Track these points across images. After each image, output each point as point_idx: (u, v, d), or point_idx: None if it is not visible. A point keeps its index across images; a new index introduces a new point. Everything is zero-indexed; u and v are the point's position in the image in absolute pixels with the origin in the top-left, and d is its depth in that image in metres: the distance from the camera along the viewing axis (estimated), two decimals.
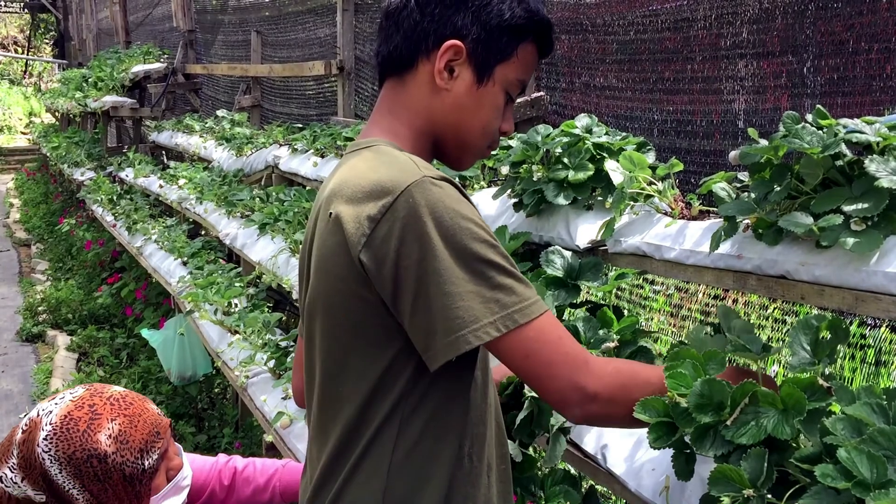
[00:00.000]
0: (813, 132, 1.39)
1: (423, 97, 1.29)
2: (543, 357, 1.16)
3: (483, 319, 1.13)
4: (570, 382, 1.15)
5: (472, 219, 1.16)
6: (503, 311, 1.14)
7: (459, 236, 1.13)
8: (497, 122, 1.33)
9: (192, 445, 4.49)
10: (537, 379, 1.18)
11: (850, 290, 1.32)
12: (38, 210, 11.64)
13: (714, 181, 1.62)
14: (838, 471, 1.02)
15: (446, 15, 1.26)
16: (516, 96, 1.36)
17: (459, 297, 1.12)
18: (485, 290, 1.13)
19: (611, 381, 1.18)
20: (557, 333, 1.17)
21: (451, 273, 1.12)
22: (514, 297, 1.15)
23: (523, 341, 1.15)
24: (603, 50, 2.54)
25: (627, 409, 1.20)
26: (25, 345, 6.68)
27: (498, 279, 1.14)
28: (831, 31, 1.75)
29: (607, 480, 1.63)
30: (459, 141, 1.32)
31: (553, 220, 2.06)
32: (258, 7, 6.73)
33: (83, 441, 1.55)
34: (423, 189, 1.14)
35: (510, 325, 1.14)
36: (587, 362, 1.18)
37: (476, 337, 1.13)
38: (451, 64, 1.27)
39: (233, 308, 3.70)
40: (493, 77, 1.28)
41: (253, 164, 4.83)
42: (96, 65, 9.69)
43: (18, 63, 25.33)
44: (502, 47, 1.28)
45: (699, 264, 1.63)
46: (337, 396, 1.28)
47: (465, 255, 1.13)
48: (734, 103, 2.09)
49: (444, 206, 1.14)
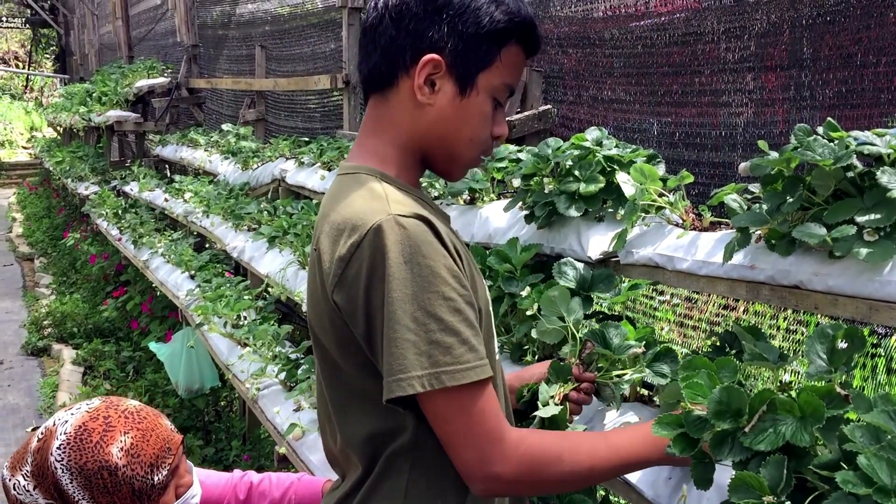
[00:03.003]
0: (824, 144, 1.41)
1: (406, 113, 1.27)
2: (460, 427, 1.14)
3: (412, 371, 1.11)
4: (477, 459, 1.15)
5: (430, 265, 1.13)
6: (433, 368, 1.12)
7: (412, 283, 1.12)
8: (486, 131, 1.29)
9: (200, 458, 4.50)
10: (449, 446, 1.17)
11: (863, 300, 1.34)
12: (41, 224, 11.67)
13: (725, 192, 1.64)
14: (858, 477, 1.04)
15: (421, 28, 1.23)
16: (507, 99, 1.33)
17: (395, 343, 1.12)
18: (421, 343, 1.12)
19: (520, 464, 1.16)
20: (481, 406, 1.15)
21: (396, 319, 1.12)
22: (448, 357, 1.12)
23: (445, 404, 1.13)
24: (610, 63, 2.57)
25: (538, 489, 1.23)
26: (31, 358, 6.68)
27: (437, 335, 1.12)
28: (839, 45, 1.78)
29: (624, 490, 1.64)
30: (448, 154, 1.29)
31: (564, 231, 2.08)
32: (262, 22, 6.78)
33: (95, 452, 1.56)
34: (388, 229, 1.13)
35: (435, 384, 1.12)
36: (502, 441, 1.16)
37: (400, 388, 1.12)
38: (431, 78, 1.24)
39: (241, 321, 3.72)
40: (477, 86, 1.25)
41: (259, 177, 4.86)
42: (100, 79, 9.74)
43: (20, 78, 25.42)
44: (483, 55, 1.24)
45: (712, 275, 1.65)
46: (345, 423, 1.29)
47: (413, 303, 1.12)
48: (742, 116, 2.12)
49: (405, 250, 1.13)
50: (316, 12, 5.81)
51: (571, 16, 2.75)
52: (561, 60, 2.90)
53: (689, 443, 1.25)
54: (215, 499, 1.94)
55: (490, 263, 2.14)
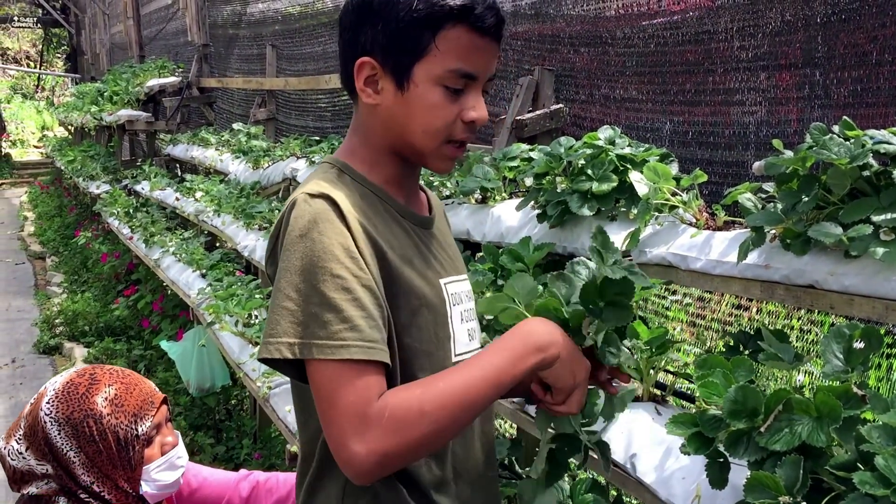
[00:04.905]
0: (840, 143, 1.41)
1: (367, 116, 1.31)
2: (324, 405, 1.12)
3: (282, 337, 1.13)
4: (337, 438, 1.10)
5: (323, 241, 1.16)
6: (306, 339, 1.13)
7: (301, 255, 1.16)
8: (439, 120, 1.25)
9: (211, 457, 4.50)
10: (321, 418, 1.14)
11: (880, 300, 1.33)
12: (53, 223, 11.72)
13: (739, 192, 1.64)
14: (876, 478, 1.03)
15: (355, 36, 1.27)
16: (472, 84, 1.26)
17: (274, 309, 1.16)
18: (298, 313, 1.14)
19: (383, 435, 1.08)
20: (350, 385, 1.11)
21: (280, 287, 1.16)
22: (323, 332, 1.12)
23: (317, 378, 1.13)
24: (623, 62, 2.56)
25: (411, 454, 1.12)
26: (43, 357, 6.71)
27: (315, 308, 1.13)
28: (855, 43, 1.77)
29: (637, 489, 1.64)
30: (410, 147, 1.29)
31: (577, 230, 2.08)
32: (272, 21, 6.79)
33: (81, 402, 1.67)
34: (297, 206, 1.20)
35: (305, 353, 1.12)
36: (365, 415, 1.09)
37: (267, 350, 1.14)
38: (372, 79, 1.26)
39: (253, 319, 3.73)
40: (413, 79, 1.24)
41: (270, 176, 4.87)
42: (111, 79, 9.78)
43: (31, 77, 25.56)
44: (412, 47, 1.23)
45: (726, 274, 1.65)
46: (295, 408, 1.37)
47: (298, 274, 1.15)
48: (756, 115, 2.11)
49: (303, 225, 1.17)
50: (326, 11, 5.82)
51: (583, 14, 2.75)
52: (573, 59, 2.90)
53: (703, 442, 1.25)
54: (216, 495, 1.98)
55: (502, 262, 2.14)
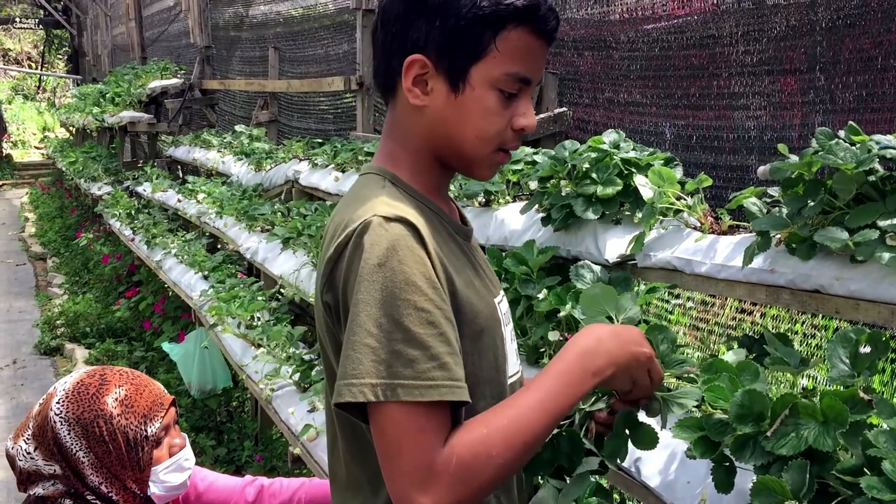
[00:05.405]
0: (846, 148, 1.41)
1: (409, 117, 1.22)
2: (389, 445, 1.04)
3: (365, 378, 1.04)
4: (402, 488, 1.03)
5: (405, 271, 1.07)
6: (390, 378, 1.03)
7: (381, 286, 1.06)
8: (494, 126, 1.19)
9: (212, 459, 4.50)
10: (382, 464, 1.06)
11: (885, 305, 1.34)
12: (54, 224, 11.72)
13: (744, 196, 1.64)
14: (883, 482, 1.03)
15: (404, 29, 1.17)
16: (525, 89, 1.21)
17: (353, 346, 1.05)
18: (381, 350, 1.04)
19: (451, 486, 1.02)
20: (411, 429, 1.03)
21: (359, 322, 1.06)
22: (409, 371, 1.04)
23: (381, 418, 1.04)
24: (627, 66, 2.57)
25: (480, 496, 1.05)
26: (44, 358, 6.71)
27: (399, 346, 1.04)
28: (860, 48, 1.77)
29: (642, 493, 1.64)
30: (458, 154, 1.22)
31: (581, 234, 2.08)
32: (274, 23, 6.80)
33: (91, 402, 1.66)
34: (370, 230, 1.09)
35: (389, 396, 1.03)
36: (432, 463, 1.03)
37: (350, 392, 1.04)
38: (422, 79, 1.18)
39: (255, 322, 3.73)
40: (470, 81, 1.16)
41: (272, 178, 4.87)
42: (113, 80, 9.78)
43: (32, 78, 25.57)
44: (471, 46, 1.15)
45: (731, 278, 1.65)
46: (343, 435, 1.25)
47: (379, 308, 1.05)
48: (760, 119, 2.11)
49: (381, 252, 1.07)
50: (329, 14, 5.82)
51: (588, 18, 2.75)
52: (577, 63, 2.90)
53: (709, 446, 1.25)
54: (223, 499, 2.00)
55: (507, 266, 2.14)
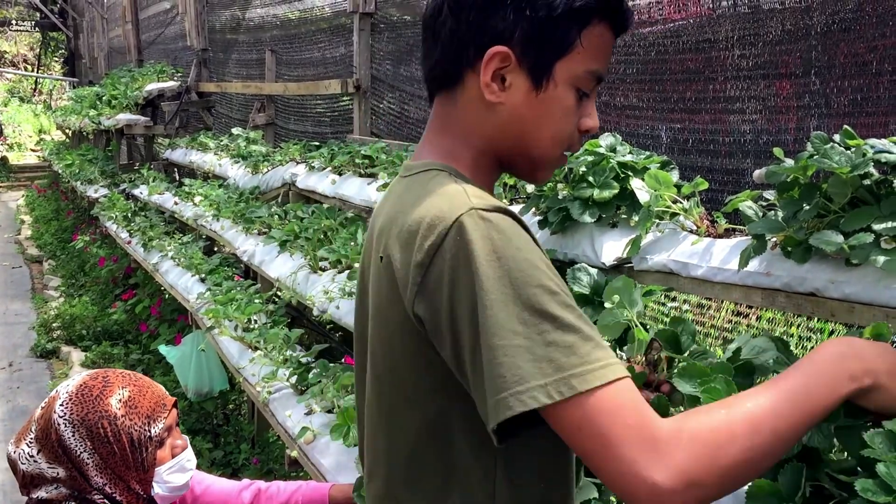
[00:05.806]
0: (841, 152, 1.42)
1: (476, 113, 1.13)
2: (600, 438, 0.91)
3: (531, 381, 0.92)
4: (632, 473, 0.89)
5: (527, 258, 0.97)
6: (558, 373, 0.92)
7: (510, 280, 0.95)
8: (569, 126, 1.13)
9: (209, 461, 4.50)
10: (593, 465, 0.93)
11: (880, 308, 1.34)
12: (50, 227, 11.71)
13: (740, 199, 1.65)
14: (877, 485, 1.04)
15: (484, 18, 1.08)
16: (595, 88, 1.15)
17: (502, 352, 0.93)
18: (536, 347, 0.93)
19: (688, 461, 0.90)
20: (621, 404, 0.92)
21: (499, 324, 0.94)
22: (574, 358, 0.93)
23: (579, 413, 0.92)
24: (623, 70, 2.58)
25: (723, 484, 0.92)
26: (40, 361, 6.70)
27: (553, 335, 0.93)
28: (854, 53, 1.79)
29: None
30: (528, 155, 1.15)
31: (578, 237, 2.09)
32: (271, 26, 6.80)
33: (95, 404, 1.67)
34: (471, 225, 0.98)
35: (566, 391, 0.92)
36: (654, 439, 0.90)
37: (520, 402, 0.92)
38: (499, 73, 1.09)
39: (252, 324, 3.73)
40: (554, 77, 1.09)
41: (269, 181, 4.87)
42: (110, 83, 9.78)
43: (28, 81, 25.55)
44: (558, 41, 1.08)
45: (727, 281, 1.66)
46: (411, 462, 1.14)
47: (516, 303, 0.94)
48: (756, 123, 2.12)
49: (495, 244, 0.97)
50: (325, 17, 5.83)
51: None
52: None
53: None
54: (220, 502, 2.01)
55: None
